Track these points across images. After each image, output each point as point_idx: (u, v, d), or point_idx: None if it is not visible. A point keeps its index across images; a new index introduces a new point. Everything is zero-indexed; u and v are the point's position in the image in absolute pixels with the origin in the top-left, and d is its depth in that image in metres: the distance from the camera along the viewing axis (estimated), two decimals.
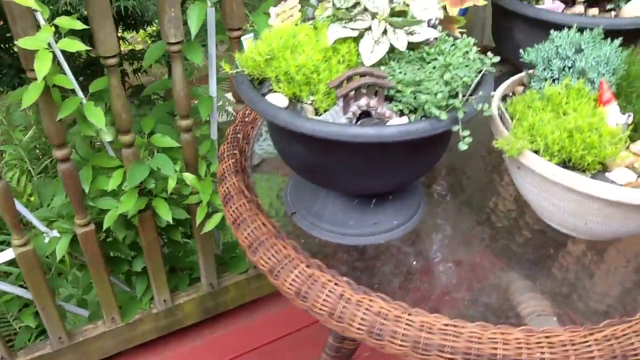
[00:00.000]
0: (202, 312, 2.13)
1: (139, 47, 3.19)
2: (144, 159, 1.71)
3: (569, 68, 1.15)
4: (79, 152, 1.66)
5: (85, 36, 1.63)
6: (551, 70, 1.15)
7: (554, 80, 1.15)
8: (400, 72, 1.07)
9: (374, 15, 1.10)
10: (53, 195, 1.78)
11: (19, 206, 1.67)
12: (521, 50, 1.21)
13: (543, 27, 1.33)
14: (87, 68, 2.04)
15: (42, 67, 1.32)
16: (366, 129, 0.93)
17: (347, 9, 1.10)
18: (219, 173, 1.34)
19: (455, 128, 0.97)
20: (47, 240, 1.76)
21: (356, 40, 1.09)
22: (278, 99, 1.04)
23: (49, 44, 1.34)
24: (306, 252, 1.13)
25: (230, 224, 1.22)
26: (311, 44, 1.04)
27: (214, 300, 2.12)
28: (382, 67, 1.06)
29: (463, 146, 0.96)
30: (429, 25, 1.14)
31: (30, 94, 1.40)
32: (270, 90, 1.07)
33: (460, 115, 0.97)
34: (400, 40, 1.08)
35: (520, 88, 1.26)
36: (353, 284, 1.04)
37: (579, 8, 1.39)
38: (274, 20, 1.12)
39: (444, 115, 0.95)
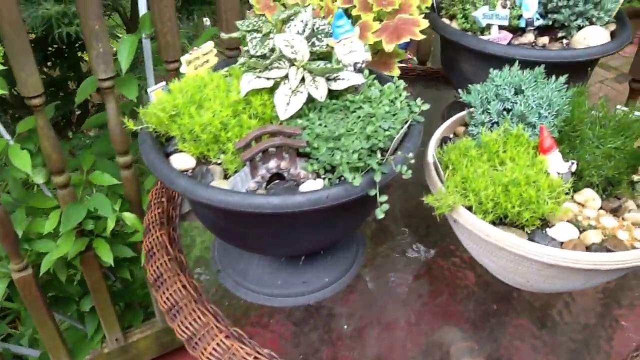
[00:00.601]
0: (158, 347, 2.04)
1: None
2: (83, 198, 1.62)
3: (508, 111, 1.06)
4: (12, 194, 1.57)
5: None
6: (489, 113, 1.06)
7: (493, 125, 1.07)
8: (320, 124, 0.98)
9: (292, 62, 1.01)
10: None
11: None
12: (460, 90, 1.12)
13: (488, 60, 1.24)
14: (18, 105, 1.93)
15: None
16: (270, 199, 0.84)
17: (262, 56, 1.01)
18: (144, 224, 1.25)
19: (372, 193, 0.88)
20: None
21: (272, 90, 1.00)
22: (183, 160, 0.95)
23: None
24: (229, 317, 1.04)
25: (151, 284, 1.13)
26: (220, 97, 0.95)
27: (170, 334, 2.04)
28: (300, 120, 0.98)
29: (380, 214, 0.87)
30: (355, 70, 1.05)
31: None
32: (176, 150, 0.98)
33: (378, 177, 0.88)
34: (320, 89, 0.98)
35: (462, 129, 1.18)
36: (276, 358, 0.96)
37: (529, 37, 1.30)
38: (185, 69, 1.03)
39: (357, 181, 0.87)
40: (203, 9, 1.88)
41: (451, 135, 1.18)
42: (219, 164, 0.95)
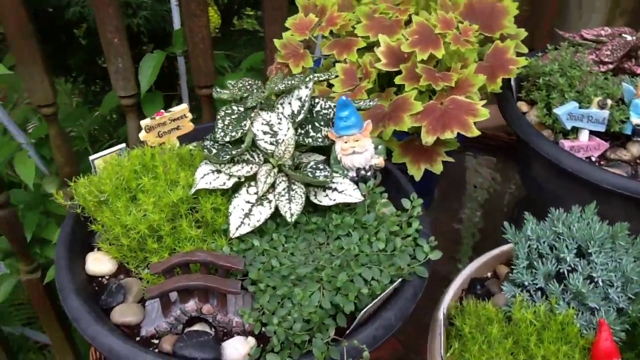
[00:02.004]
0: None
1: None
2: None
3: (562, 278, 0.73)
4: (26, 197, 1.47)
5: None
6: (535, 272, 0.74)
7: (536, 291, 0.74)
8: (284, 251, 0.72)
9: (267, 157, 0.75)
10: None
11: None
12: (506, 226, 0.80)
13: (563, 177, 0.90)
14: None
15: None
16: None
17: (233, 141, 0.76)
18: None
19: None
20: None
21: (233, 191, 0.75)
22: (99, 263, 0.74)
23: None
24: None
25: None
26: (160, 190, 0.72)
27: None
28: (255, 242, 0.72)
29: None
30: (357, 177, 0.77)
31: None
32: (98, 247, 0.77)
33: None
34: (294, 204, 0.72)
35: (506, 270, 0.86)
36: None
37: (632, 151, 0.92)
38: (143, 135, 0.81)
39: None
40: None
41: (488, 274, 0.86)
42: (139, 278, 0.73)
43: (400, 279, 0.69)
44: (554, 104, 0.94)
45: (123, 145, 0.83)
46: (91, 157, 0.79)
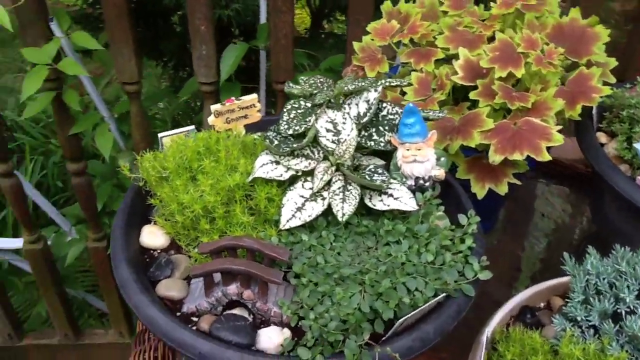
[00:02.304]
0: None
1: None
2: None
3: (618, 319, 0.69)
4: (102, 169, 1.54)
5: None
6: (590, 309, 0.71)
7: (588, 328, 0.71)
8: (331, 249, 0.72)
9: (327, 154, 0.75)
10: None
11: (43, 202, 1.62)
12: (566, 256, 0.76)
13: (638, 215, 0.85)
14: None
15: (31, 85, 1.19)
16: (198, 342, 0.61)
17: (296, 135, 0.77)
18: None
19: None
20: (68, 239, 1.70)
21: (289, 184, 0.76)
22: (153, 236, 0.76)
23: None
24: None
25: None
26: (218, 174, 0.74)
27: None
28: (304, 236, 0.72)
29: None
30: (414, 186, 0.76)
31: (36, 105, 1.29)
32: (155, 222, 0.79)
33: None
34: (347, 204, 0.72)
35: (560, 302, 0.82)
36: None
37: None
38: (212, 120, 0.83)
39: None
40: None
41: (542, 304, 0.83)
42: (189, 256, 0.75)
43: (444, 294, 0.67)
44: (635, 139, 0.89)
45: (192, 127, 0.86)
46: (160, 135, 0.82)
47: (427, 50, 1.00)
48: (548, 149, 0.84)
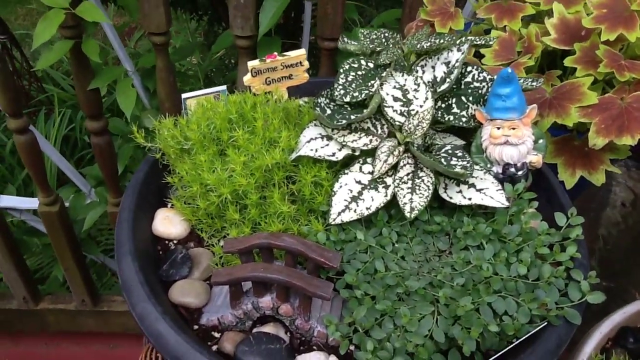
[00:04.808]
0: None
1: None
2: None
3: None
4: (124, 128, 1.40)
5: None
6: None
7: None
8: (393, 252, 0.56)
9: (394, 129, 0.59)
10: None
11: (63, 162, 1.50)
12: None
13: None
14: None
15: (45, 30, 1.05)
16: None
17: (354, 103, 0.60)
18: None
19: None
20: (88, 202, 1.59)
21: (342, 166, 0.60)
22: (168, 223, 0.61)
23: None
24: None
25: None
26: (253, 149, 0.58)
27: None
28: (360, 234, 0.57)
29: None
30: (503, 175, 0.59)
31: (52, 55, 1.15)
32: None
33: None
34: (417, 196, 0.56)
35: None
36: None
37: None
38: (248, 79, 0.67)
39: None
40: None
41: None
42: (213, 252, 0.60)
43: (544, 321, 0.51)
44: None
45: (224, 87, 0.70)
46: (184, 95, 0.67)
47: (513, 5, 0.81)
48: None
